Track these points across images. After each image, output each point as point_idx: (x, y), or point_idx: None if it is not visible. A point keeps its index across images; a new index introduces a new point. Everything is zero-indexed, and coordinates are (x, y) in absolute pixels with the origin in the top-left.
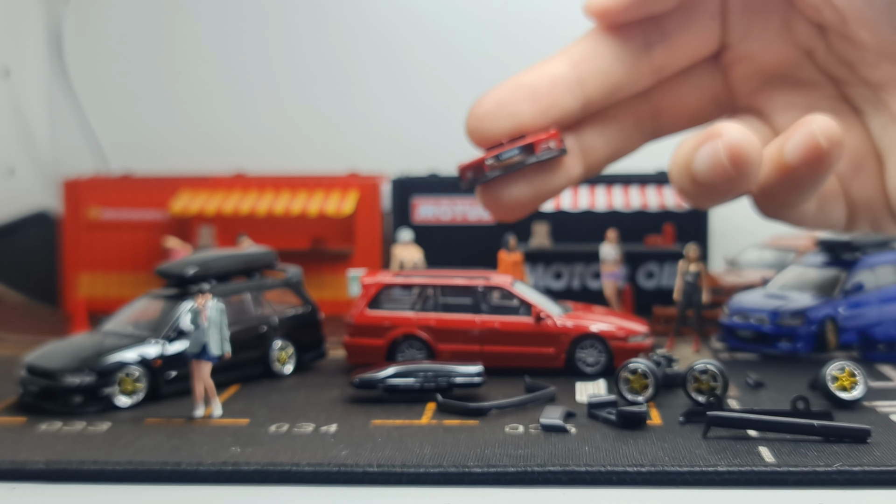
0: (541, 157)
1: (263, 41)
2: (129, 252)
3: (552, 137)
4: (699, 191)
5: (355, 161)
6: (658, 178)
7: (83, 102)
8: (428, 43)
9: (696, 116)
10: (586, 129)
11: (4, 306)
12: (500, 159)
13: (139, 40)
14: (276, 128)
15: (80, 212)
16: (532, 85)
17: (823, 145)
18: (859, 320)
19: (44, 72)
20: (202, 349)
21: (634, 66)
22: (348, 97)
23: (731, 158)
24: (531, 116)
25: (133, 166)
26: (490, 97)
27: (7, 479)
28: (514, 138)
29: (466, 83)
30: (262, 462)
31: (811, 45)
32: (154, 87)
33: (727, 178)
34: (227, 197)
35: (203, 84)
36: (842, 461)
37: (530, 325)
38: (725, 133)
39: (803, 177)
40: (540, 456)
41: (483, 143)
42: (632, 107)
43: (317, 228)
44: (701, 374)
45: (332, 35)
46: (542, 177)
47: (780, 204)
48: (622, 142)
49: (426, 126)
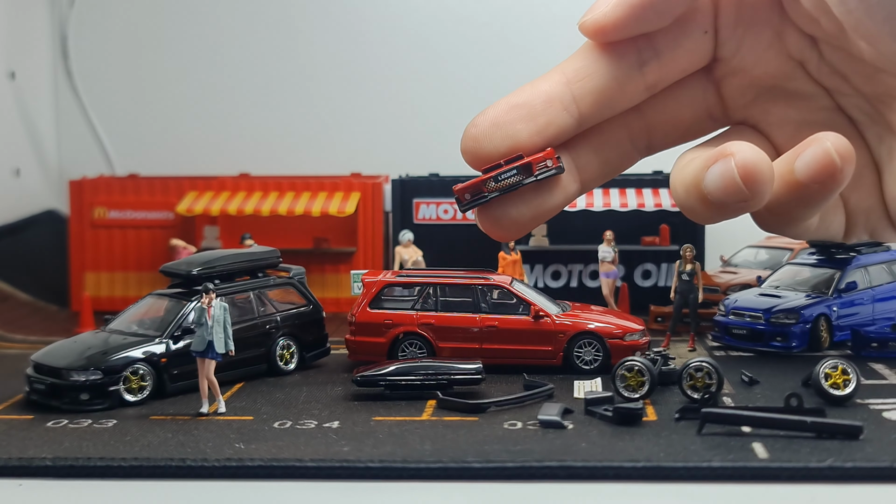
0: (538, 177)
1: (267, 43)
2: (135, 252)
3: (548, 156)
4: (709, 210)
5: (357, 162)
6: (654, 179)
7: (88, 104)
8: (429, 45)
9: (690, 130)
10: (580, 146)
11: (11, 305)
12: (497, 181)
13: (143, 42)
14: (279, 129)
15: (86, 212)
16: (527, 104)
17: (838, 163)
18: (852, 319)
19: (49, 74)
20: (207, 347)
21: (628, 82)
22: (351, 99)
23: (744, 178)
24: (528, 135)
25: (138, 167)
26: (485, 117)
27: (14, 476)
28: (511, 158)
29: (467, 84)
30: (265, 458)
31: (804, 57)
32: (158, 88)
33: (741, 198)
34: (231, 197)
35: (207, 85)
36: (834, 457)
37: (529, 324)
38: (738, 153)
39: (813, 194)
40: (538, 451)
41: (479, 163)
42: (625, 122)
43: (319, 228)
44: (696, 372)
45: (335, 38)
46: (540, 196)
47: (786, 220)
48: (617, 158)
49: (427, 127)
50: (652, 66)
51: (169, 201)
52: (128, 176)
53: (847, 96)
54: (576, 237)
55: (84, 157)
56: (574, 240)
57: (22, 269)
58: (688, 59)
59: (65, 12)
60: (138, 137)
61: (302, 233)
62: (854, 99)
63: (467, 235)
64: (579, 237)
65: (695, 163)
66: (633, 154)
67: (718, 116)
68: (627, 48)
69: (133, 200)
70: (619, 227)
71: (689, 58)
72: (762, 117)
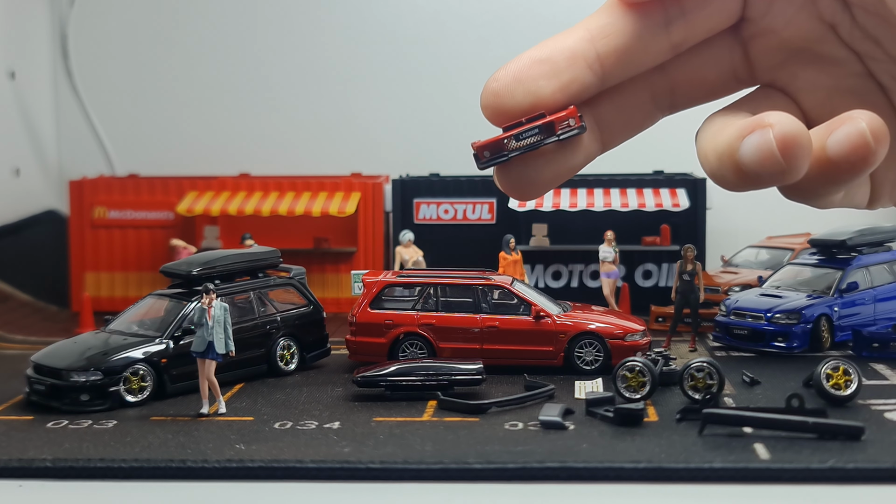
0: (561, 137)
1: (267, 43)
2: (135, 252)
3: (571, 115)
4: (742, 180)
5: (358, 162)
6: (655, 179)
7: (88, 104)
8: (430, 46)
9: (715, 90)
10: (603, 105)
11: (11, 305)
12: (519, 139)
13: (143, 42)
14: (279, 129)
15: (86, 212)
16: (551, 60)
17: (871, 144)
18: (854, 319)
19: (49, 74)
20: (207, 348)
21: (653, 41)
22: (351, 99)
23: (783, 151)
24: (550, 92)
25: (138, 167)
26: (507, 71)
27: (14, 477)
28: (533, 116)
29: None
30: (266, 459)
31: (836, 20)
32: (158, 88)
33: (777, 171)
34: (231, 197)
35: (207, 85)
36: (836, 458)
37: (530, 324)
38: (777, 124)
39: (843, 173)
40: (539, 452)
41: (499, 119)
42: (649, 81)
43: (320, 228)
44: (697, 372)
45: (335, 38)
46: (562, 155)
47: (812, 194)
48: (639, 116)
49: (427, 127)
50: (678, 25)
51: (169, 201)
52: (128, 176)
53: (879, 62)
54: (576, 237)
55: (84, 157)
56: (575, 240)
57: (22, 270)
58: (715, 18)
59: (65, 12)
60: (138, 137)
61: (302, 233)
62: (886, 65)
63: (468, 235)
64: (580, 237)
65: (729, 130)
66: (656, 113)
67: (744, 77)
68: (653, 6)
69: (133, 200)
70: (620, 228)
71: (717, 17)
72: (790, 81)
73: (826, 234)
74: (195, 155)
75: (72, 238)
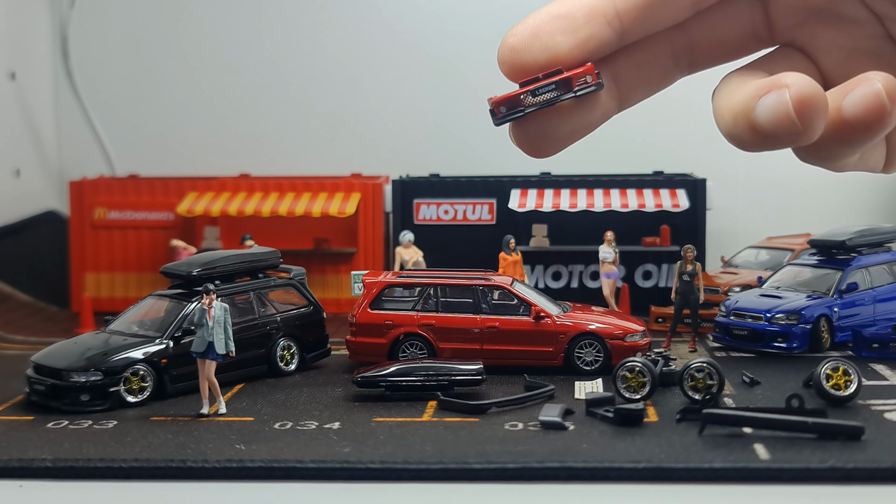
0: (577, 93)
1: (267, 44)
2: (135, 252)
3: (588, 72)
4: (757, 140)
5: (358, 162)
6: (655, 180)
7: (88, 104)
8: (430, 46)
9: (735, 49)
10: (621, 62)
11: (11, 306)
12: (535, 95)
13: (143, 42)
14: (279, 129)
15: (86, 212)
16: (569, 15)
17: (887, 106)
18: (853, 319)
19: (49, 74)
20: (207, 348)
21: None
22: (351, 99)
23: (799, 112)
24: (568, 49)
25: (138, 167)
26: (525, 27)
27: (15, 477)
28: (550, 72)
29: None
30: (266, 459)
31: None
32: (159, 89)
33: (793, 131)
34: (231, 198)
35: (207, 86)
36: (835, 458)
37: (530, 324)
38: (793, 84)
39: (858, 134)
40: (539, 452)
41: (516, 74)
42: (668, 39)
43: (320, 229)
44: (697, 373)
45: (335, 38)
46: (578, 112)
47: (826, 156)
48: (657, 74)
49: (427, 127)
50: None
51: (169, 202)
52: (128, 176)
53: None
54: (576, 238)
55: (84, 157)
56: (575, 240)
57: (22, 270)
58: None
59: (65, 12)
60: (138, 138)
61: (302, 233)
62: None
63: (468, 236)
64: (580, 238)
65: (745, 89)
66: (675, 72)
67: (764, 37)
68: None
69: (133, 201)
70: (620, 228)
71: None
72: (809, 41)
73: (826, 235)
74: (195, 156)
75: (72, 238)
